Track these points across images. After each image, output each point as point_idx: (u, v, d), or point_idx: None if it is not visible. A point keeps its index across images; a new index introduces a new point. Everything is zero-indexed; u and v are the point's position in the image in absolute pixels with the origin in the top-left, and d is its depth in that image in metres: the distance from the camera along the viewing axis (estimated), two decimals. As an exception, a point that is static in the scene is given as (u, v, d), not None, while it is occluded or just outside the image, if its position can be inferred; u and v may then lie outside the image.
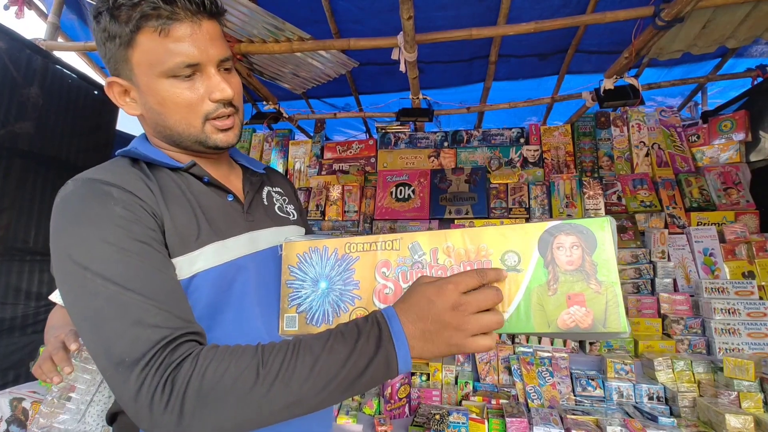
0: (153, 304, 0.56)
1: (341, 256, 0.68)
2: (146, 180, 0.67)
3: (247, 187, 0.82)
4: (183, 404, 0.50)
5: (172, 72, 0.65)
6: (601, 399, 1.74)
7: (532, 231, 0.59)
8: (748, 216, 2.28)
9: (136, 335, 0.53)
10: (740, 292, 1.92)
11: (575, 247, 0.57)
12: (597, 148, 2.76)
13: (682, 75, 2.73)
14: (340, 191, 2.92)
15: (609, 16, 1.76)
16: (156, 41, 0.64)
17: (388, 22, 2.08)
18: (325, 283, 0.68)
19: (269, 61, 2.35)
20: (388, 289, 0.64)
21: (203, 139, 0.71)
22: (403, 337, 0.54)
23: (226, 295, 0.69)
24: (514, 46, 2.43)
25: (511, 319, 0.57)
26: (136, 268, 0.57)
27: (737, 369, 1.61)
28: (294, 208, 0.93)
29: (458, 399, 1.81)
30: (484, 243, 0.61)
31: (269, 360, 0.53)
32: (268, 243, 0.79)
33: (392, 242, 0.65)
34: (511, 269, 0.59)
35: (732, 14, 1.82)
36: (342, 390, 0.54)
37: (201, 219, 0.69)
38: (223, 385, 0.51)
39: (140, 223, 0.61)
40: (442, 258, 0.62)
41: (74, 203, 0.60)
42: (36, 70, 2.05)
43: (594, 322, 0.54)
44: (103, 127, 2.53)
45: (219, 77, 0.69)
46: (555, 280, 0.57)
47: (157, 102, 0.68)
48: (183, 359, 0.53)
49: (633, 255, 2.23)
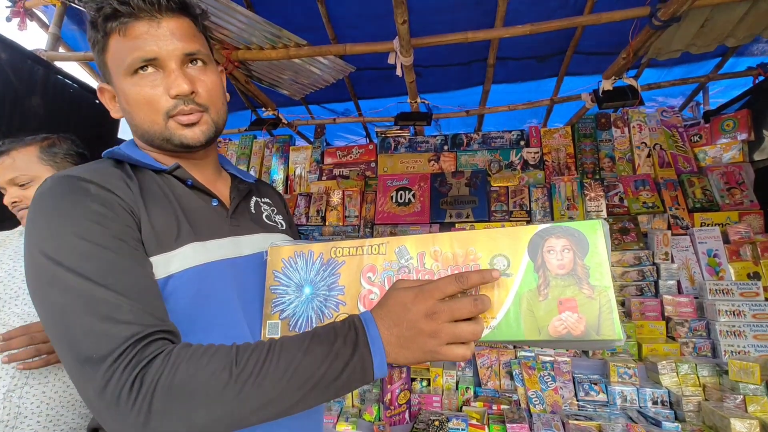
0: (125, 301, 0.54)
1: (327, 260, 0.66)
2: (126, 179, 0.67)
3: (233, 194, 0.81)
4: (152, 403, 0.49)
5: (131, 68, 0.66)
6: (605, 404, 1.72)
7: (522, 234, 0.58)
8: (752, 216, 2.24)
9: (105, 331, 0.51)
10: (745, 294, 1.89)
11: (566, 250, 0.56)
12: (598, 149, 2.74)
13: (682, 75, 2.72)
14: (340, 196, 2.92)
15: (605, 17, 1.75)
16: (119, 42, 0.66)
17: (384, 27, 2.09)
18: (309, 289, 0.66)
19: (268, 67, 2.36)
20: (374, 295, 0.63)
21: (168, 137, 0.70)
22: (379, 342, 0.54)
23: (207, 299, 0.67)
24: (512, 49, 2.43)
25: (500, 325, 0.55)
26: (109, 264, 0.56)
27: (743, 372, 1.58)
28: (283, 219, 0.92)
29: (459, 405, 1.80)
30: (472, 247, 0.60)
31: (243, 359, 0.52)
32: (252, 249, 0.77)
33: (379, 246, 0.64)
34: (501, 274, 0.57)
35: (730, 13, 1.81)
36: (317, 392, 0.53)
37: (182, 220, 0.68)
38: (195, 384, 0.50)
39: (117, 220, 0.60)
40: (429, 262, 0.61)
41: (50, 198, 0.60)
42: (37, 80, 2.08)
43: (587, 328, 0.53)
44: (104, 136, 2.55)
45: (178, 72, 0.67)
46: (546, 284, 0.55)
47: (125, 101, 0.69)
48: (154, 357, 0.51)
49: (636, 257, 2.21)
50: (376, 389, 1.85)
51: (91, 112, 2.43)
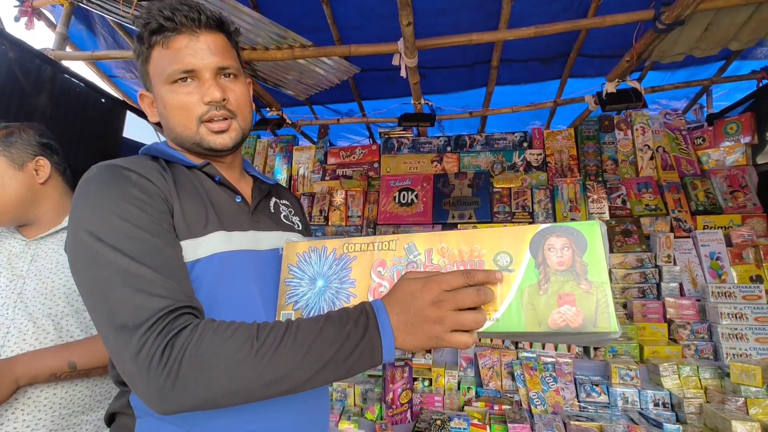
0: (159, 277, 0.59)
1: (339, 255, 0.70)
2: (162, 171, 0.73)
3: (255, 193, 0.87)
4: (180, 368, 0.53)
5: (171, 78, 0.73)
6: (606, 405, 1.72)
7: (524, 233, 0.61)
8: (755, 219, 2.24)
9: (140, 302, 0.56)
10: (748, 297, 1.89)
11: (566, 248, 0.59)
12: (601, 151, 2.75)
13: (686, 78, 2.72)
14: (343, 196, 2.93)
15: (608, 19, 1.76)
16: (161, 53, 0.74)
17: (389, 29, 2.10)
18: (322, 282, 0.69)
19: (273, 68, 2.38)
20: (383, 288, 0.66)
21: (198, 140, 0.77)
22: (388, 327, 0.58)
23: (229, 283, 0.71)
24: (516, 51, 2.44)
25: (503, 318, 0.58)
26: (146, 244, 0.61)
27: (744, 375, 1.58)
28: (299, 220, 0.98)
29: (461, 404, 1.80)
30: (477, 244, 0.63)
31: (263, 335, 0.56)
32: (270, 244, 0.82)
33: (389, 243, 0.68)
34: (504, 269, 0.60)
35: (734, 17, 1.82)
36: (328, 370, 0.57)
37: (210, 210, 0.74)
38: (219, 355, 0.54)
39: (154, 206, 0.66)
40: (436, 258, 0.64)
41: (95, 183, 0.66)
42: (45, 79, 2.10)
43: (584, 321, 0.55)
44: (110, 134, 2.57)
45: (212, 82, 0.74)
46: (546, 280, 0.58)
47: (163, 106, 0.76)
48: (183, 327, 0.56)
49: (638, 259, 2.21)
50: (378, 388, 1.86)
51: (97, 111, 2.45)
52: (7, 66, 1.92)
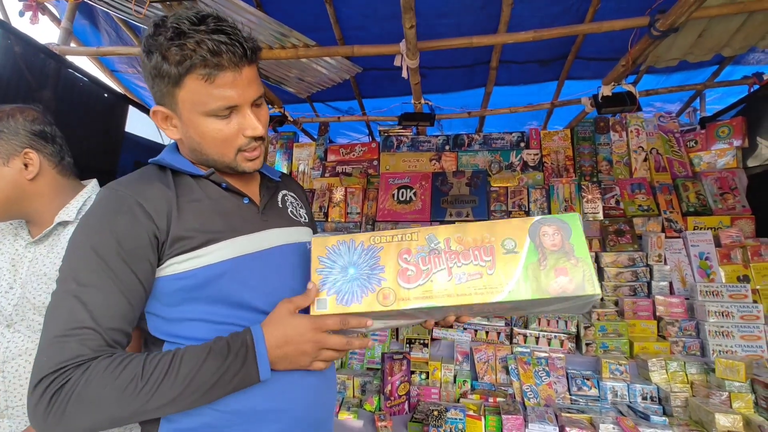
0: (93, 326, 0.66)
1: (367, 246, 0.78)
2: (164, 187, 0.77)
3: (263, 192, 0.91)
4: (66, 408, 0.62)
5: (214, 113, 0.75)
6: (596, 398, 1.78)
7: (523, 223, 0.76)
8: (743, 221, 2.31)
9: (54, 352, 0.64)
10: (734, 296, 1.96)
11: (556, 234, 0.74)
12: (596, 152, 2.81)
13: (680, 81, 2.78)
14: (343, 193, 2.97)
15: (605, 25, 1.81)
16: (201, 86, 0.72)
17: (391, 29, 2.13)
18: (353, 270, 0.77)
19: (275, 65, 2.41)
20: (410, 272, 0.75)
21: (234, 166, 0.81)
22: (265, 358, 0.71)
23: (237, 286, 0.77)
24: (514, 53, 2.48)
25: (513, 290, 0.71)
26: (106, 285, 0.69)
27: (728, 370, 1.65)
28: (305, 212, 1.02)
29: (456, 397, 1.86)
30: (487, 233, 0.75)
31: (149, 372, 0.65)
32: (281, 240, 0.87)
33: (411, 234, 0.78)
34: (509, 252, 0.74)
35: (726, 24, 1.87)
36: (210, 395, 0.68)
37: (215, 219, 0.78)
38: (104, 394, 0.63)
39: (134, 238, 0.71)
40: (454, 245, 0.75)
41: (93, 207, 0.75)
42: (49, 73, 2.12)
43: (576, 287, 0.70)
44: (113, 129, 2.60)
45: (252, 116, 0.77)
46: (544, 258, 0.72)
47: (198, 134, 0.77)
48: (80, 371, 0.63)
49: (630, 258, 2.28)
50: (377, 381, 1.91)
51: (100, 106, 2.47)
52: (12, 60, 1.94)
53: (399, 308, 0.73)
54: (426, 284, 0.73)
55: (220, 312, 0.76)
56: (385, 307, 0.73)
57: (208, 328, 0.75)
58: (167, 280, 0.74)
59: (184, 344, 0.74)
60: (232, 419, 0.73)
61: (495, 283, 0.71)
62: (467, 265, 0.73)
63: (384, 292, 0.74)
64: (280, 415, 0.77)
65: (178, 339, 0.75)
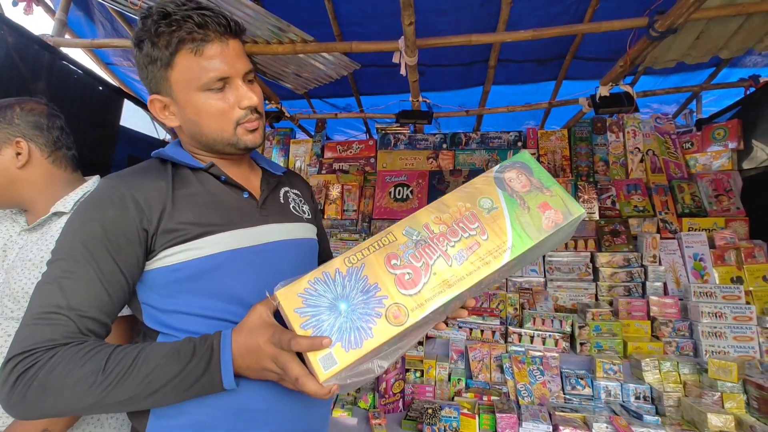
0: (67, 312, 0.66)
1: (346, 272, 0.66)
2: (162, 181, 0.77)
3: (263, 186, 0.90)
4: (26, 392, 0.62)
5: (207, 86, 0.75)
6: (590, 397, 1.79)
7: (486, 180, 0.74)
8: (738, 223, 2.33)
9: (28, 333, 0.65)
10: (728, 297, 1.97)
11: (520, 175, 0.74)
12: (593, 153, 2.81)
13: (677, 83, 2.79)
14: (339, 190, 2.96)
15: (604, 25, 1.81)
16: (192, 60, 0.74)
17: (389, 26, 2.13)
18: (344, 304, 0.64)
19: (272, 61, 2.39)
20: (407, 275, 0.66)
21: (235, 142, 0.81)
22: (229, 365, 0.67)
23: (232, 279, 0.76)
24: (513, 52, 2.48)
25: (513, 244, 0.68)
26: (86, 274, 0.69)
27: (721, 371, 1.66)
28: (309, 208, 1.01)
29: (451, 395, 1.86)
30: (460, 202, 0.72)
31: (111, 366, 0.64)
32: (280, 236, 0.86)
33: (387, 236, 0.69)
34: (491, 210, 0.71)
35: (724, 26, 1.88)
36: (170, 397, 0.66)
37: (214, 212, 0.78)
38: (65, 383, 0.62)
39: (122, 230, 0.71)
40: (436, 228, 0.70)
41: (87, 197, 0.76)
42: (43, 65, 2.09)
43: (564, 215, 0.70)
44: (108, 122, 2.57)
45: (246, 87, 0.78)
46: (523, 201, 0.72)
47: (195, 113, 0.78)
48: (47, 358, 0.63)
49: (625, 258, 2.29)
50: (371, 379, 1.91)
51: (94, 99, 2.44)
52: (5, 51, 1.91)
53: (417, 319, 0.62)
54: (431, 280, 0.65)
55: (214, 306, 0.75)
56: (402, 326, 0.62)
57: (201, 322, 0.75)
58: (161, 272, 0.74)
59: (179, 336, 0.73)
60: (224, 417, 0.72)
61: (495, 246, 0.68)
62: (459, 241, 0.68)
63: (392, 311, 0.63)
64: (273, 416, 0.75)
65: (172, 330, 0.75)
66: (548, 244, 0.75)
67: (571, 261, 2.40)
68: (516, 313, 2.22)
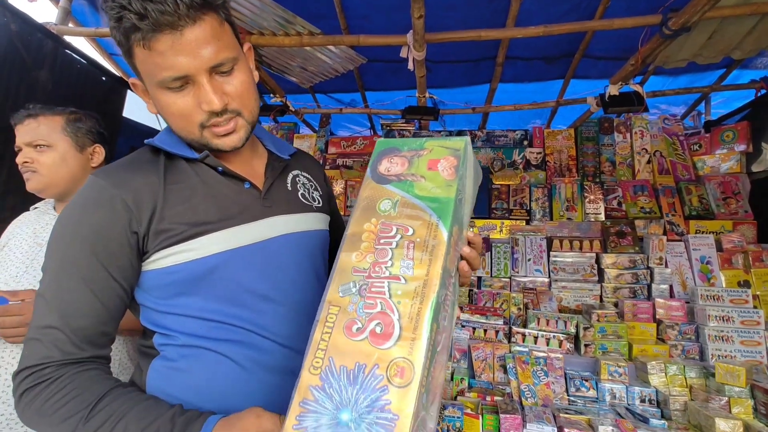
0: (61, 327, 0.64)
1: (320, 382, 0.51)
2: (153, 176, 0.71)
3: (268, 173, 0.82)
4: (25, 412, 0.64)
5: (163, 84, 0.66)
6: (594, 400, 1.77)
7: (368, 186, 0.65)
8: (746, 226, 2.30)
9: (31, 348, 0.65)
10: (735, 301, 1.95)
11: (392, 158, 0.67)
12: (599, 153, 2.78)
13: (686, 84, 2.76)
14: (343, 186, 2.94)
15: (617, 22, 1.78)
16: (145, 54, 0.64)
17: (396, 20, 2.10)
18: (346, 414, 0.49)
19: (278, 53, 2.36)
20: (378, 327, 0.52)
21: (205, 143, 0.72)
22: None
23: (240, 282, 0.72)
24: (521, 49, 2.45)
25: (438, 214, 0.59)
26: (76, 284, 0.66)
27: (729, 375, 1.64)
28: (320, 194, 0.93)
29: (453, 394, 1.84)
30: (365, 224, 0.61)
31: (94, 417, 0.61)
32: (285, 229, 0.79)
33: (328, 314, 0.55)
34: (395, 206, 0.62)
35: (739, 26, 1.85)
36: None
37: (211, 208, 0.72)
38: (50, 418, 0.62)
39: (110, 234, 0.67)
40: (363, 264, 0.58)
41: (74, 198, 0.71)
42: (46, 54, 2.06)
43: (454, 155, 0.64)
44: (110, 114, 2.54)
45: (208, 87, 0.66)
46: (413, 176, 0.64)
47: (160, 108, 0.71)
48: (41, 382, 0.63)
49: (631, 260, 2.26)
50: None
51: (97, 89, 2.42)
52: (8, 38, 1.89)
53: (421, 356, 0.49)
54: (400, 309, 0.52)
55: (212, 309, 0.71)
56: (415, 377, 0.48)
57: (200, 324, 0.71)
58: (155, 274, 0.70)
59: (174, 336, 0.70)
60: None
61: (425, 230, 0.57)
62: (393, 256, 0.56)
63: (393, 373, 0.49)
64: None
65: (169, 331, 0.72)
66: (468, 190, 0.68)
67: (575, 261, 2.37)
68: (520, 313, 2.20)
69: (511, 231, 2.58)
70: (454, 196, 0.60)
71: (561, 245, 2.43)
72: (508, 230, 2.59)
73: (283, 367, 0.74)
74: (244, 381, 0.71)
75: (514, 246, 2.48)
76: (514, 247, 2.48)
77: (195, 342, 0.71)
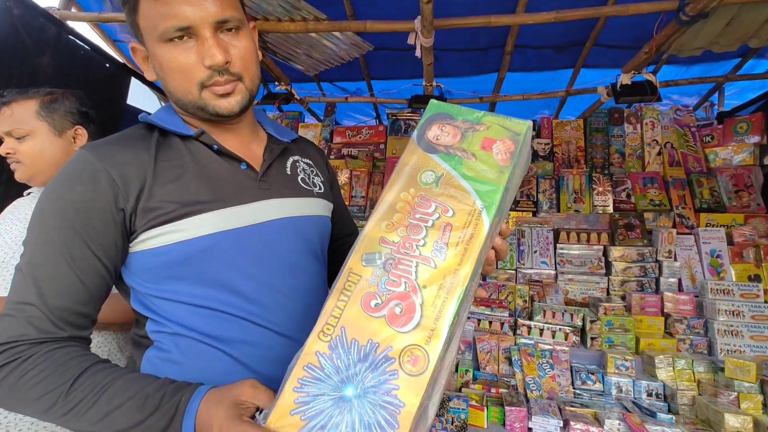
0: (39, 305, 0.61)
1: (329, 350, 0.49)
2: (143, 152, 0.68)
3: (266, 155, 0.79)
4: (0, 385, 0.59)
5: (166, 36, 0.65)
6: (600, 393, 1.75)
7: (412, 151, 0.61)
8: (757, 219, 2.26)
9: (5, 323, 0.61)
10: (746, 295, 1.92)
11: (443, 126, 0.62)
12: (609, 144, 2.74)
13: (700, 73, 2.69)
14: (348, 176, 2.91)
15: (632, 8, 1.72)
16: (150, 5, 0.64)
17: (402, 6, 2.04)
18: (350, 389, 0.47)
19: (283, 40, 2.32)
20: (397, 308, 0.50)
21: (202, 106, 0.70)
22: (191, 427, 0.57)
23: (233, 265, 0.69)
24: (530, 37, 2.39)
25: (484, 201, 0.56)
26: (55, 261, 0.62)
27: (738, 370, 1.61)
28: (322, 180, 0.90)
29: (458, 386, 1.83)
30: (402, 193, 0.58)
31: (75, 391, 0.58)
32: (282, 213, 0.76)
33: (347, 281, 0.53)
34: (438, 180, 0.58)
35: (758, 12, 1.78)
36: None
37: (203, 187, 0.69)
38: (29, 395, 0.58)
39: (92, 210, 0.64)
40: (393, 237, 0.55)
41: (58, 173, 0.67)
42: (49, 39, 2.04)
43: (512, 139, 0.59)
44: (114, 101, 2.52)
45: (212, 41, 0.65)
46: (464, 152, 0.59)
47: (159, 67, 0.69)
48: (16, 359, 0.59)
49: (639, 253, 2.23)
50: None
51: (101, 76, 2.39)
52: (10, 23, 1.86)
53: (439, 348, 0.48)
54: (425, 295, 0.50)
55: (203, 294, 0.68)
56: (429, 366, 0.47)
57: (191, 311, 0.68)
58: (143, 255, 0.67)
59: (165, 324, 0.69)
60: None
61: (466, 216, 0.54)
62: (426, 234, 0.53)
63: (406, 360, 0.47)
64: None
65: (161, 318, 0.69)
66: (516, 179, 0.63)
67: (582, 254, 2.34)
68: (525, 305, 2.18)
69: (517, 222, 2.55)
70: (504, 184, 0.56)
71: (568, 237, 2.40)
72: (515, 222, 2.56)
73: (281, 357, 0.71)
74: (239, 375, 0.68)
75: (521, 237, 2.45)
76: (520, 239, 2.45)
77: (187, 332, 0.69)
